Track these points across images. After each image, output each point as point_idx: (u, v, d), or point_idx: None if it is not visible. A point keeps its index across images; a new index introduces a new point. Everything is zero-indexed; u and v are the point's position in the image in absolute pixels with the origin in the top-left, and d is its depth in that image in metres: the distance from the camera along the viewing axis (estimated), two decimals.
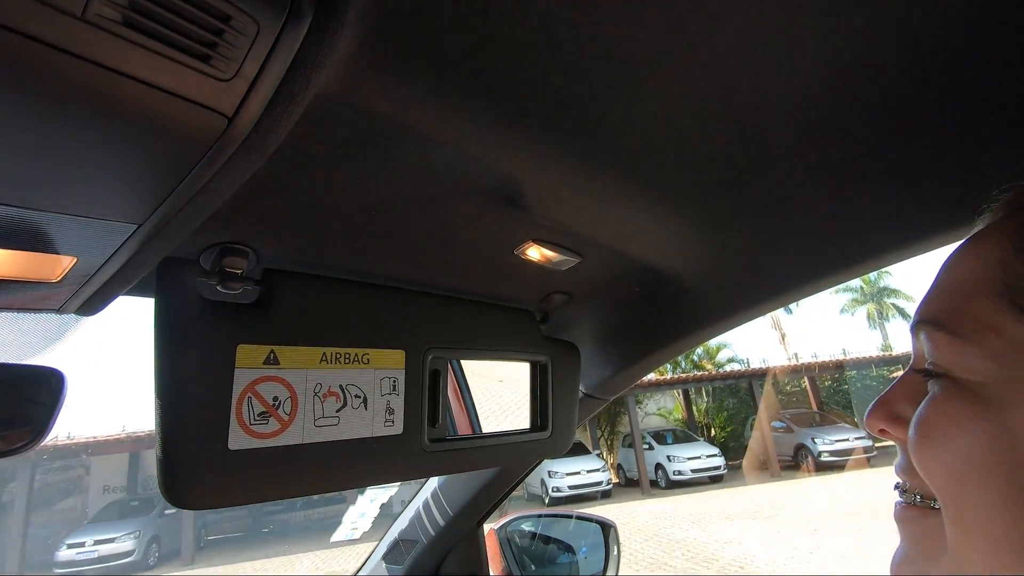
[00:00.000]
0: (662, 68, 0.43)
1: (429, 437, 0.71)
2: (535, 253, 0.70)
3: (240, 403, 0.55)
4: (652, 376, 17.01)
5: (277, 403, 0.58)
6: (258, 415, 0.56)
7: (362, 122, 0.42)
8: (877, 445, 14.49)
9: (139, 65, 0.27)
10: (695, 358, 22.30)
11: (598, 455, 16.30)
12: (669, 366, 21.46)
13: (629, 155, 0.53)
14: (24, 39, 0.24)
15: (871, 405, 0.43)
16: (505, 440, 0.82)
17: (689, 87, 0.46)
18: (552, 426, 0.89)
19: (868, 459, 14.78)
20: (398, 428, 0.68)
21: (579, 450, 15.41)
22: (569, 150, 0.50)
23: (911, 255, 0.65)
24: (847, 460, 14.71)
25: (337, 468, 0.62)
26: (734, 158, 0.56)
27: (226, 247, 0.55)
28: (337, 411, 0.62)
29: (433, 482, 1.33)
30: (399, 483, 0.76)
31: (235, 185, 0.38)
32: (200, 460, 0.53)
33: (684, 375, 18.68)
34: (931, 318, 0.38)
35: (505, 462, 0.85)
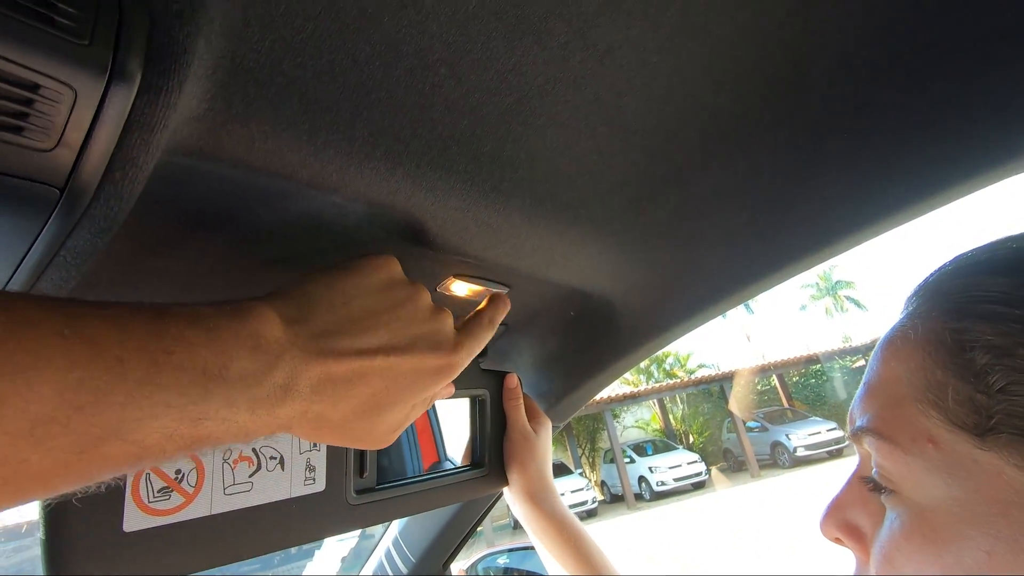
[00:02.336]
0: (552, 98, 0.43)
1: (355, 489, 0.68)
2: (460, 288, 0.69)
3: (137, 480, 0.51)
4: (626, 388, 17.12)
5: (180, 476, 0.54)
6: (158, 491, 0.52)
7: (234, 178, 0.41)
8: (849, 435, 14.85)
9: None
10: (667, 367, 22.58)
11: (580, 474, 16.21)
12: (643, 376, 21.66)
13: (535, 185, 0.53)
14: None
15: (825, 509, 0.42)
16: (439, 482, 0.80)
17: (585, 115, 0.46)
18: (488, 462, 0.87)
19: (842, 449, 15.13)
20: (320, 485, 0.64)
21: (561, 471, 15.31)
22: (467, 185, 0.50)
23: (826, 258, 0.66)
24: (823, 452, 15.02)
25: (250, 535, 0.58)
26: (644, 178, 0.57)
27: (76, 299, 0.52)
28: (250, 476, 0.58)
29: (393, 529, 1.28)
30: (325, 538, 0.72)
31: (90, 255, 0.36)
32: (90, 545, 0.49)
33: (658, 385, 18.85)
34: (871, 426, 0.37)
35: (439, 504, 0.82)
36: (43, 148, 0.27)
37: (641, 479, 15.23)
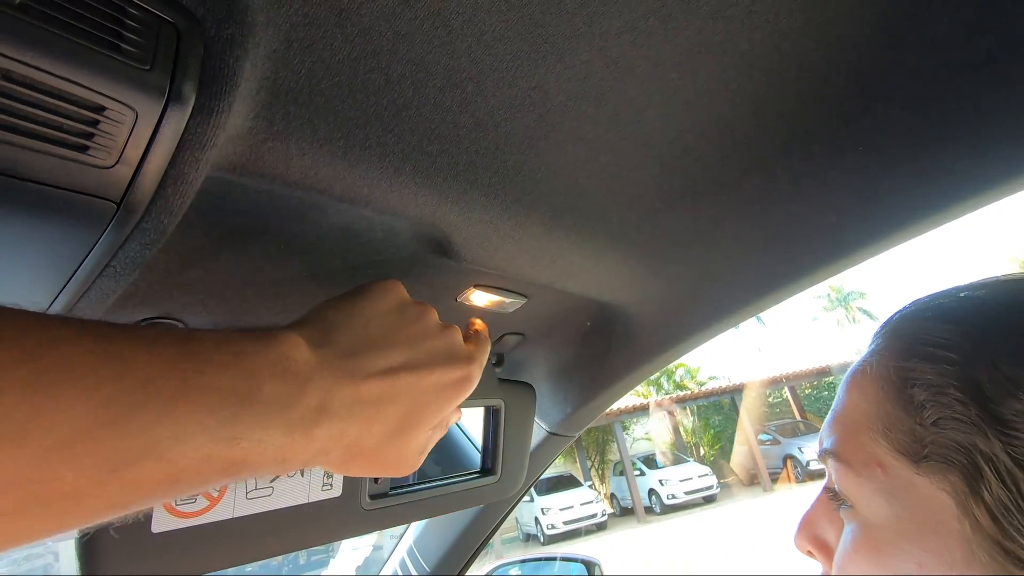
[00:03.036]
0: (574, 114, 0.45)
1: (370, 494, 0.70)
2: (479, 299, 0.71)
3: None
4: (637, 400, 17.00)
5: None
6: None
7: (272, 192, 0.42)
8: None
9: (11, 162, 0.27)
10: (677, 379, 22.41)
11: (590, 486, 16.07)
12: (652, 388, 21.50)
13: (555, 197, 0.55)
14: None
15: (798, 524, 0.47)
16: (451, 488, 0.81)
17: (605, 130, 0.47)
18: (501, 470, 0.88)
19: None
20: (336, 491, 0.66)
21: (571, 483, 15.18)
22: (490, 198, 0.51)
23: (838, 271, 0.67)
24: None
25: (268, 537, 0.60)
26: (660, 191, 0.58)
27: (152, 323, 0.54)
28: (271, 481, 0.60)
29: (409, 538, 1.29)
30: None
31: (137, 265, 0.38)
32: (121, 546, 0.51)
33: (668, 397, 18.69)
34: (833, 450, 0.42)
35: (451, 509, 0.83)
36: (104, 165, 0.29)
37: (651, 492, 15.06)
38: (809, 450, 14.99)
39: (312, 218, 0.47)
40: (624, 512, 15.93)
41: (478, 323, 0.56)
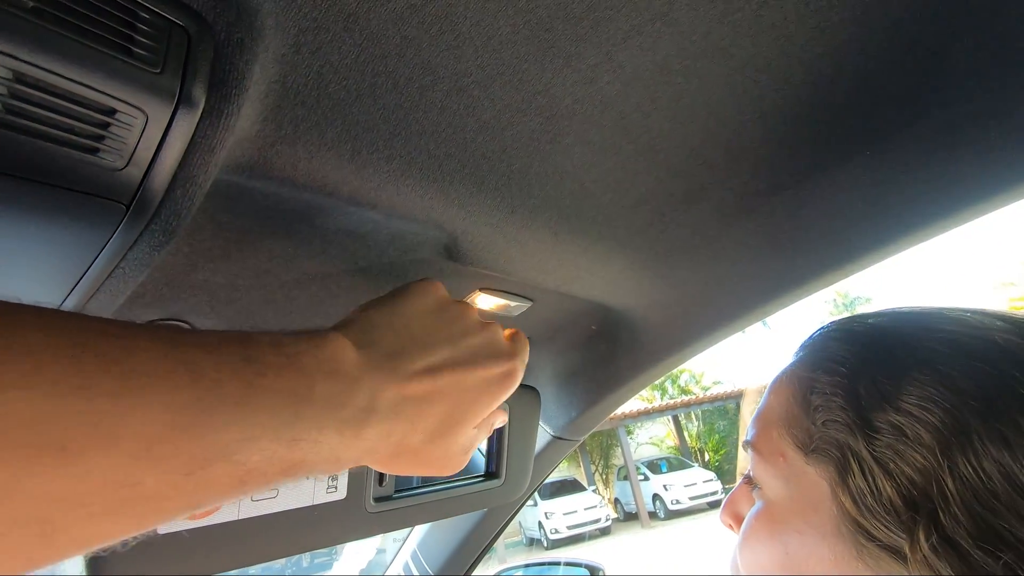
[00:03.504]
0: (580, 118, 0.45)
1: (374, 497, 0.70)
2: (484, 302, 0.71)
3: None
4: (641, 404, 16.93)
5: None
6: None
7: (280, 195, 0.43)
8: None
9: (22, 164, 0.27)
10: (682, 383, 22.31)
11: (594, 491, 16.00)
12: (657, 393, 21.42)
13: (560, 201, 0.55)
14: None
15: (723, 503, 0.56)
16: (455, 491, 0.81)
17: (611, 133, 0.47)
18: (505, 474, 0.87)
19: None
20: (341, 493, 0.66)
21: (574, 488, 15.11)
22: (497, 201, 0.51)
23: (845, 276, 0.67)
24: None
25: (274, 539, 0.60)
26: (666, 195, 0.58)
27: (159, 325, 0.54)
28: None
29: (412, 541, 1.29)
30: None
31: (146, 267, 0.38)
32: (127, 545, 0.51)
33: (672, 401, 18.62)
34: (751, 441, 0.50)
35: (455, 512, 0.83)
36: (115, 167, 0.29)
37: (656, 497, 14.97)
38: None
39: (319, 221, 0.48)
40: (628, 517, 15.85)
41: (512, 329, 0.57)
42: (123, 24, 0.26)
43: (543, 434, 1.06)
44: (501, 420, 0.51)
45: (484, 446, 0.91)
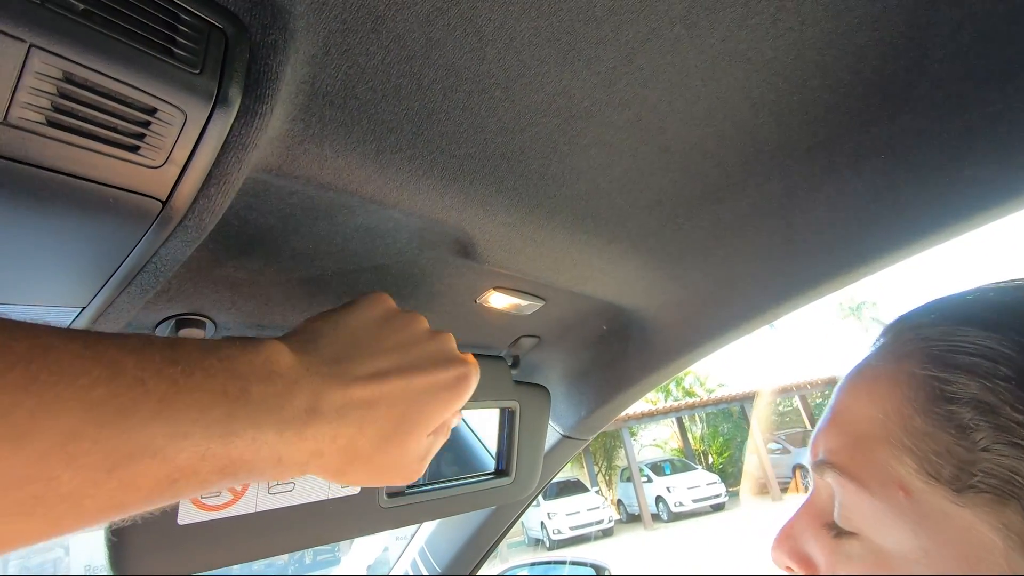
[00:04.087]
0: (598, 119, 0.45)
1: (387, 492, 0.71)
2: (498, 301, 0.71)
3: None
4: (644, 406, 16.91)
5: None
6: None
7: (304, 193, 0.44)
8: None
9: (67, 161, 0.28)
10: (686, 385, 22.26)
11: (597, 492, 15.98)
12: (661, 395, 21.38)
13: (576, 202, 0.55)
14: None
15: (776, 535, 0.43)
16: (465, 488, 0.82)
17: (627, 135, 0.48)
18: (516, 472, 0.88)
19: None
20: (355, 488, 0.67)
21: (577, 488, 15.11)
22: (514, 201, 0.52)
23: (858, 278, 0.67)
24: None
25: (289, 532, 0.62)
26: (680, 197, 0.58)
27: (182, 319, 0.55)
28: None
29: (420, 538, 1.30)
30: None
31: (176, 263, 0.39)
32: (149, 537, 0.52)
33: (676, 403, 18.57)
34: (837, 461, 0.37)
35: (465, 509, 0.84)
36: (153, 165, 0.30)
37: (659, 499, 14.95)
38: None
39: (341, 219, 0.49)
40: (631, 519, 15.83)
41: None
42: (165, 26, 0.27)
43: (552, 433, 1.07)
44: (456, 420, 0.51)
45: (495, 444, 0.91)
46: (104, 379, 0.25)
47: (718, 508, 14.78)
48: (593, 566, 1.38)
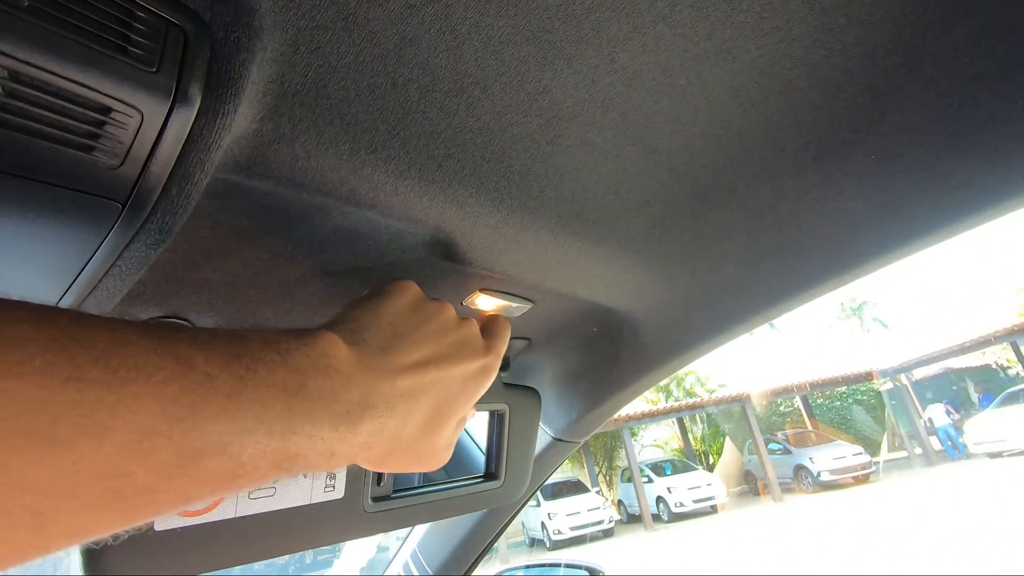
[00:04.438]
0: (581, 119, 0.44)
1: (372, 497, 0.70)
2: (485, 303, 0.70)
3: None
4: (645, 407, 16.89)
5: None
6: None
7: (279, 194, 0.43)
8: (874, 460, 14.37)
9: (19, 161, 0.27)
10: (687, 386, 22.25)
11: (597, 492, 15.98)
12: (662, 395, 21.38)
13: (561, 203, 0.54)
14: None
15: None
16: (454, 492, 0.81)
17: (612, 135, 0.47)
18: (504, 475, 0.87)
19: (868, 475, 14.66)
20: (339, 493, 0.66)
21: (578, 489, 15.11)
22: (496, 202, 0.51)
23: (848, 281, 0.66)
24: (849, 477, 14.58)
25: (270, 538, 0.60)
26: (669, 197, 0.57)
27: (159, 322, 0.54)
28: (274, 482, 0.61)
29: (413, 540, 1.29)
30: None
31: (143, 265, 0.38)
32: (124, 543, 0.51)
33: (677, 404, 18.55)
34: None
35: (453, 513, 0.83)
36: (110, 166, 0.29)
37: (659, 499, 14.93)
38: (820, 461, 14.79)
39: (318, 220, 0.48)
40: (631, 519, 15.82)
41: (491, 313, 0.57)
42: (119, 23, 0.26)
43: (543, 435, 1.06)
44: (472, 413, 0.52)
45: (484, 447, 0.90)
46: (177, 376, 0.26)
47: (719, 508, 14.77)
48: (588, 568, 1.37)
